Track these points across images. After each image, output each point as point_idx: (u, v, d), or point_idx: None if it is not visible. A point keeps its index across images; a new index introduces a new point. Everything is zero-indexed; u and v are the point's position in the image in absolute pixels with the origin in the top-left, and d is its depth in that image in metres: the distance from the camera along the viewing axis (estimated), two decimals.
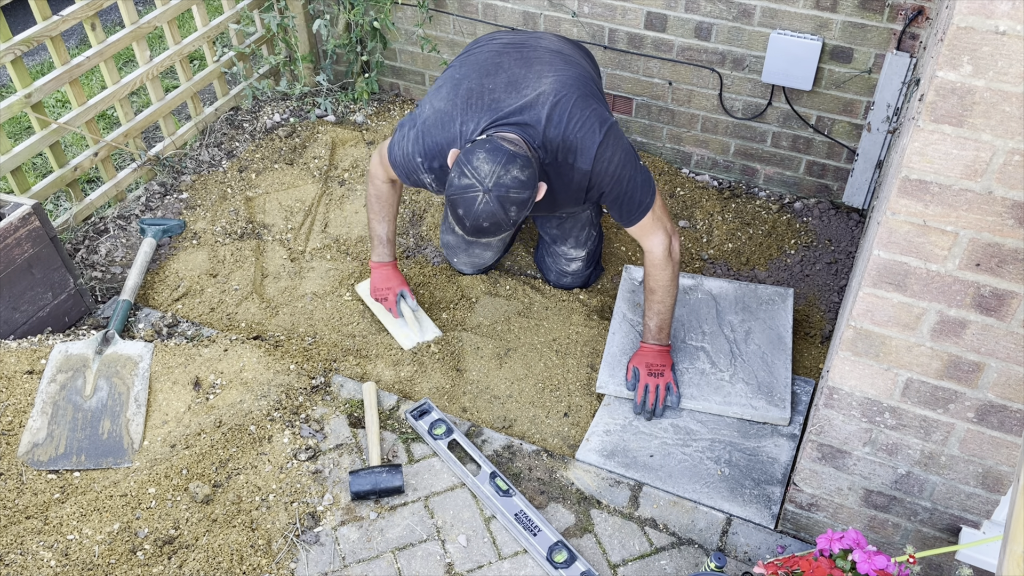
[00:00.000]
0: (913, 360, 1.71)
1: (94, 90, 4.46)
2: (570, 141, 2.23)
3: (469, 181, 2.06)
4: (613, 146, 2.27)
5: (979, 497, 1.86)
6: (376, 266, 2.83)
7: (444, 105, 2.31)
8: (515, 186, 2.07)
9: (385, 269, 2.82)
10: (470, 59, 2.46)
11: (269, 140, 3.69)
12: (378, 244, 2.79)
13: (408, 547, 2.22)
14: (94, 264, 3.09)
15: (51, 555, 2.12)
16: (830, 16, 2.93)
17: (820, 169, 3.33)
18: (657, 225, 2.41)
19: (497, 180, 2.05)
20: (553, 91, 2.26)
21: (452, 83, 2.36)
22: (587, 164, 2.25)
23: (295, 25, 3.81)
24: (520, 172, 2.07)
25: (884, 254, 1.60)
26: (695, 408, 2.56)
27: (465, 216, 2.08)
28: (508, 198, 2.06)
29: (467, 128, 2.25)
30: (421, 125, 2.34)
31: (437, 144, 2.30)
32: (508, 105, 2.24)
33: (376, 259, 2.82)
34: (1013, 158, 1.38)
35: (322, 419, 2.53)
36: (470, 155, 2.09)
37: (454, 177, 2.10)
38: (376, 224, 2.76)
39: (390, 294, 2.82)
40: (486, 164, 2.06)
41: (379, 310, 2.88)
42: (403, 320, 2.82)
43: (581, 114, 2.24)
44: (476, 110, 2.26)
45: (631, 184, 2.33)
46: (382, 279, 2.83)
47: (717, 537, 2.24)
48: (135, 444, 2.42)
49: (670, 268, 2.46)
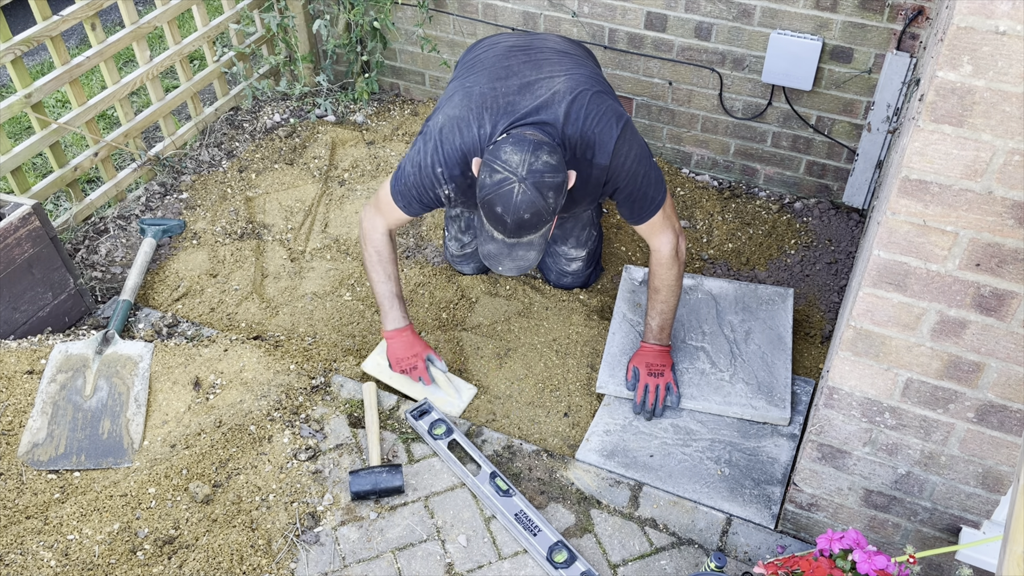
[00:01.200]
0: (913, 360, 1.71)
1: (94, 90, 4.46)
2: (588, 137, 2.22)
3: (502, 175, 2.02)
4: (630, 141, 2.27)
5: (979, 497, 1.86)
6: (393, 335, 2.56)
7: (459, 112, 2.27)
8: (548, 170, 2.04)
9: (405, 336, 2.56)
10: (476, 66, 2.43)
11: (269, 140, 3.69)
12: (389, 308, 2.54)
13: (408, 547, 2.22)
14: (94, 264, 3.09)
15: (51, 555, 2.12)
16: (830, 16, 2.93)
17: (820, 169, 3.33)
18: (666, 224, 2.41)
19: (529, 167, 2.02)
20: (568, 89, 2.25)
21: (463, 91, 2.32)
22: (605, 159, 2.23)
23: (295, 25, 3.81)
24: (550, 156, 2.05)
25: (884, 254, 1.60)
26: (695, 408, 2.56)
27: (505, 212, 2.02)
28: (544, 183, 2.03)
29: (485, 131, 2.21)
30: (437, 135, 2.27)
31: (457, 150, 2.24)
32: (524, 106, 2.22)
33: (392, 326, 2.55)
34: (1013, 158, 1.38)
35: (322, 419, 2.53)
36: (496, 152, 2.07)
37: (485, 177, 2.06)
38: (380, 285, 2.53)
39: (418, 362, 2.56)
40: (515, 155, 2.03)
41: (402, 382, 2.60)
42: (435, 386, 2.58)
43: (598, 110, 2.24)
44: (492, 113, 2.23)
45: (645, 180, 2.32)
46: (404, 347, 2.56)
47: (717, 537, 2.24)
48: (135, 444, 2.42)
49: (676, 268, 2.46)
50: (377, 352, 2.67)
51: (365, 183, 3.50)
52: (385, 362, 2.64)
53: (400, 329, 2.56)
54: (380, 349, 2.68)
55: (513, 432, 2.53)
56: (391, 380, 2.61)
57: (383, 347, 2.66)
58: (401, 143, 3.72)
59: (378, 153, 3.65)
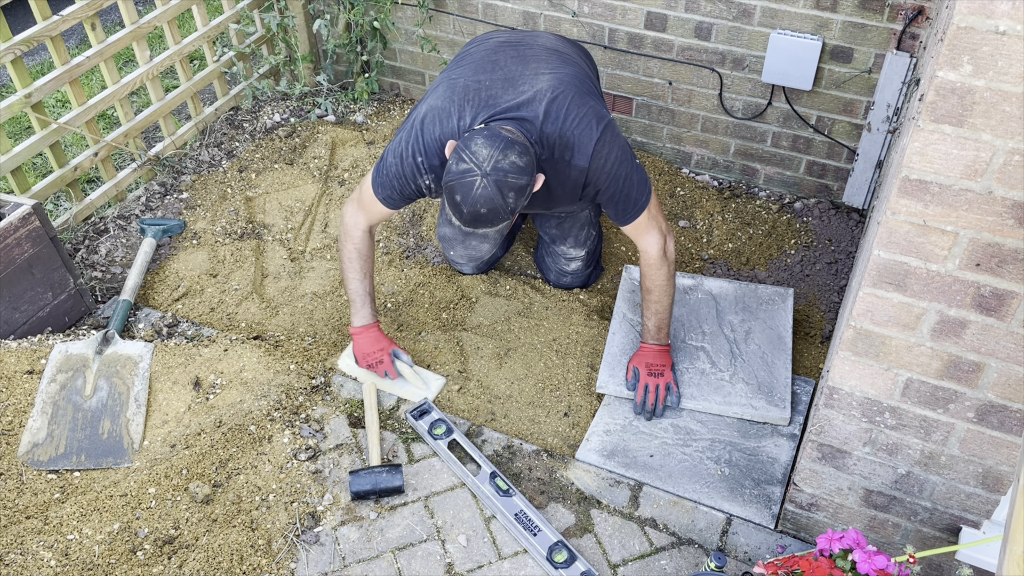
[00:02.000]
0: (913, 360, 1.71)
1: (94, 90, 4.46)
2: (567, 138, 2.23)
3: (467, 166, 2.04)
4: (610, 144, 2.27)
5: (979, 497, 1.86)
6: (360, 331, 2.60)
7: (441, 103, 2.29)
8: (513, 171, 2.05)
9: (371, 332, 2.61)
10: (465, 59, 2.45)
11: (269, 140, 3.69)
12: (360, 305, 2.58)
13: (408, 547, 2.22)
14: (94, 264, 3.09)
15: (51, 555, 2.12)
16: (830, 16, 2.93)
17: (820, 169, 3.33)
18: (652, 224, 2.40)
19: (495, 164, 2.03)
20: (550, 88, 2.25)
21: (448, 83, 2.35)
22: (584, 161, 2.24)
23: (295, 25, 3.81)
24: (518, 158, 2.06)
25: (884, 254, 1.60)
26: (695, 408, 2.56)
27: (463, 202, 2.05)
28: (506, 183, 2.04)
29: (465, 123, 2.24)
30: (418, 125, 2.31)
31: (436, 140, 2.27)
32: (505, 101, 2.23)
33: (359, 323, 2.60)
34: (1013, 158, 1.38)
35: (322, 419, 2.53)
36: (468, 141, 2.08)
37: (452, 164, 2.08)
38: (355, 283, 2.56)
39: (384, 355, 2.60)
40: (484, 149, 2.04)
41: (371, 379, 2.62)
42: (402, 380, 2.62)
43: (578, 111, 2.24)
44: (473, 105, 2.25)
45: (627, 182, 2.32)
46: (369, 343, 2.60)
47: (717, 537, 2.24)
48: (135, 444, 2.42)
49: (665, 267, 2.46)
50: (349, 349, 2.72)
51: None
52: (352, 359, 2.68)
53: (367, 326, 2.60)
54: (351, 346, 2.71)
55: (513, 432, 2.53)
56: (362, 376, 2.65)
57: None
58: None
59: (378, 153, 3.65)
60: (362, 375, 2.65)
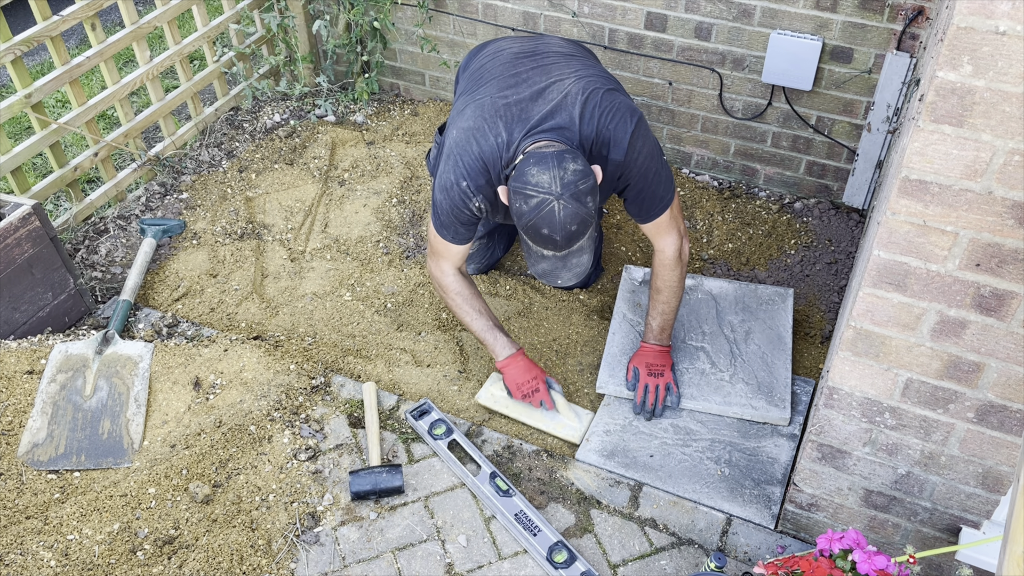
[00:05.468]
0: (913, 360, 1.71)
1: (94, 90, 4.46)
2: (604, 134, 2.22)
3: (537, 198, 2.02)
4: (643, 137, 2.27)
5: (979, 497, 1.86)
6: (508, 362, 2.51)
7: (473, 123, 2.25)
8: (579, 178, 2.04)
9: (520, 360, 2.52)
10: (484, 76, 2.41)
11: (269, 140, 3.69)
12: (493, 340, 2.51)
13: (408, 547, 2.22)
14: (94, 264, 3.09)
15: (51, 555, 2.12)
16: (830, 16, 2.93)
17: (820, 169, 3.33)
18: (672, 225, 2.41)
19: (561, 181, 2.02)
20: (580, 89, 2.25)
21: (474, 104, 2.31)
22: (620, 155, 2.23)
23: (295, 25, 3.81)
24: (575, 163, 2.06)
25: (884, 254, 1.60)
26: (695, 408, 2.56)
27: (552, 232, 2.02)
28: (579, 192, 2.03)
29: (502, 139, 2.20)
30: (456, 151, 2.25)
31: (477, 159, 2.22)
32: (538, 112, 2.21)
33: (505, 353, 2.51)
34: (1013, 158, 1.38)
35: (322, 419, 2.53)
36: (521, 178, 2.05)
37: (520, 204, 2.05)
38: (477, 322, 2.51)
39: (539, 384, 2.51)
40: (543, 174, 2.03)
41: (521, 410, 2.53)
42: (554, 413, 2.52)
43: (611, 107, 2.24)
44: (507, 121, 2.22)
45: (656, 178, 2.32)
46: (521, 372, 2.51)
47: (717, 537, 2.24)
48: (135, 444, 2.42)
49: (679, 269, 2.46)
50: (490, 383, 2.61)
51: (365, 183, 3.50)
52: (500, 392, 2.57)
53: (513, 356, 2.52)
54: (492, 380, 2.62)
55: (513, 432, 2.53)
56: (508, 409, 2.54)
57: (495, 378, 2.61)
58: (401, 143, 3.72)
59: (378, 153, 3.65)
60: (512, 409, 2.54)
